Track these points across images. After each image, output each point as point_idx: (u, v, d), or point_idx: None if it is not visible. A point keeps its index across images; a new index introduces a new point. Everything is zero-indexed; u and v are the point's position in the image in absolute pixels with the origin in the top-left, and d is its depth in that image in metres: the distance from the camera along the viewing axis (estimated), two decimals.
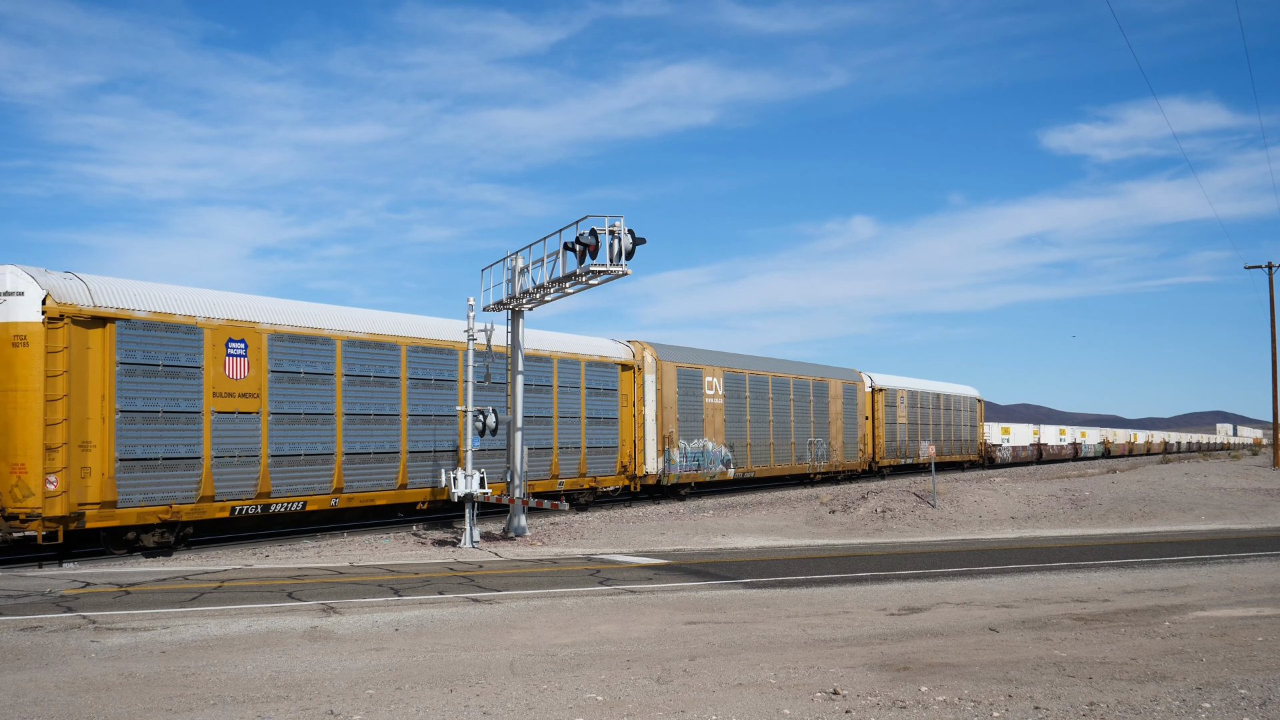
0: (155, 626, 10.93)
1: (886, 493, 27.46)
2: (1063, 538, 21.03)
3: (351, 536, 21.52)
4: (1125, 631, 10.39)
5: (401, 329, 22.87)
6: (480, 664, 9.02)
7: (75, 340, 16.81)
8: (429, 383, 23.17)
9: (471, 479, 19.82)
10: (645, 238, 17.93)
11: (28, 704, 7.63)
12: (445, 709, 7.42)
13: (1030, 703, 7.40)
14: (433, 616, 11.63)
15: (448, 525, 23.68)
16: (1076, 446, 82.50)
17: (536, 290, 19.93)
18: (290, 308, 20.83)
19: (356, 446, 21.32)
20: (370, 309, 23.06)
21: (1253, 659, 8.88)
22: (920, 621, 11.27)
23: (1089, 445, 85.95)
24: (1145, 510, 25.08)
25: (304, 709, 7.47)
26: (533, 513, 24.47)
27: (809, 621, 11.29)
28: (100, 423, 17.02)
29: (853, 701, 7.49)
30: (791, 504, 29.51)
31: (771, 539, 21.08)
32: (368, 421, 21.61)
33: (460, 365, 23.16)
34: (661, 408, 31.35)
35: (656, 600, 13.00)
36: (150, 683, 8.33)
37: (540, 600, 12.92)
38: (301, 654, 9.51)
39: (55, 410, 16.44)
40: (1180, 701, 7.39)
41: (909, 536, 21.58)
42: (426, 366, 23.13)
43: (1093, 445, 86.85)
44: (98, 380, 17.08)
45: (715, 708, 7.37)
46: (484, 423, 20.56)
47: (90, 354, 17.04)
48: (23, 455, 16.34)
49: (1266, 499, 27.85)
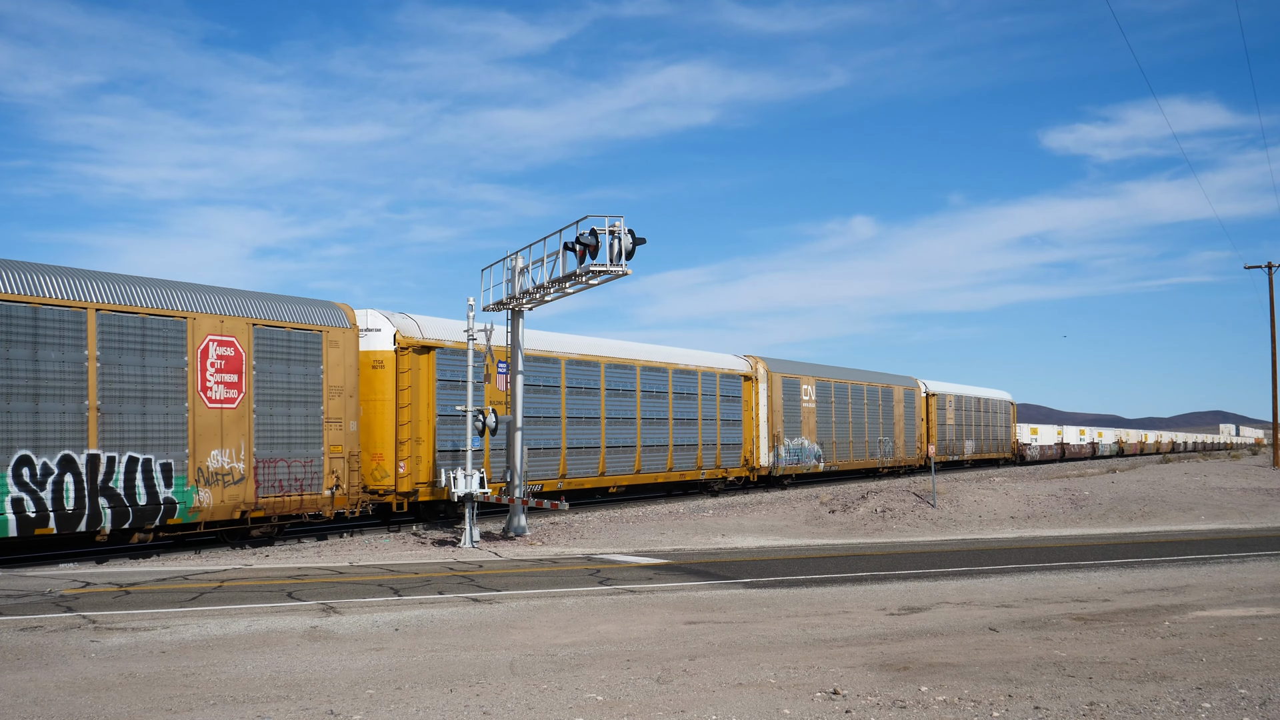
0: (155, 626, 10.93)
1: (886, 493, 27.47)
2: (1063, 537, 21.04)
3: (351, 536, 21.54)
4: (1125, 631, 10.40)
5: (638, 355, 31.38)
6: (480, 664, 9.02)
7: (412, 363, 22.78)
8: (653, 394, 31.56)
9: (471, 479, 19.81)
10: (645, 238, 17.95)
11: (28, 704, 7.63)
12: (445, 709, 7.42)
13: (1030, 703, 7.40)
14: (433, 616, 11.64)
15: (447, 525, 23.70)
16: (1094, 445, 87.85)
17: (536, 290, 19.94)
18: (574, 341, 28.91)
19: (610, 441, 29.59)
20: (619, 340, 31.37)
21: (1253, 659, 8.88)
22: (920, 621, 11.27)
23: (1105, 445, 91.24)
24: (1145, 510, 25.08)
25: (304, 709, 7.47)
26: (532, 513, 24.48)
27: (809, 621, 11.29)
28: (426, 424, 23.04)
29: (853, 701, 7.49)
30: (791, 504, 29.51)
31: (771, 539, 21.08)
32: (615, 423, 29.87)
33: (694, 383, 33.57)
34: (771, 411, 37.50)
35: (656, 600, 13.00)
36: (150, 683, 8.34)
37: (540, 600, 12.93)
38: (301, 654, 9.51)
39: (402, 414, 22.48)
40: (1180, 701, 7.39)
41: (909, 536, 21.58)
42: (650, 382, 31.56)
43: (1108, 445, 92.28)
44: (426, 392, 23.09)
45: (715, 707, 7.38)
46: (484, 423, 20.58)
47: (421, 373, 22.99)
48: (380, 447, 22.34)
49: (1266, 499, 27.85)
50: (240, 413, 18.99)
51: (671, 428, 32.19)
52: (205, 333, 18.51)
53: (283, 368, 19.86)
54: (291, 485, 19.88)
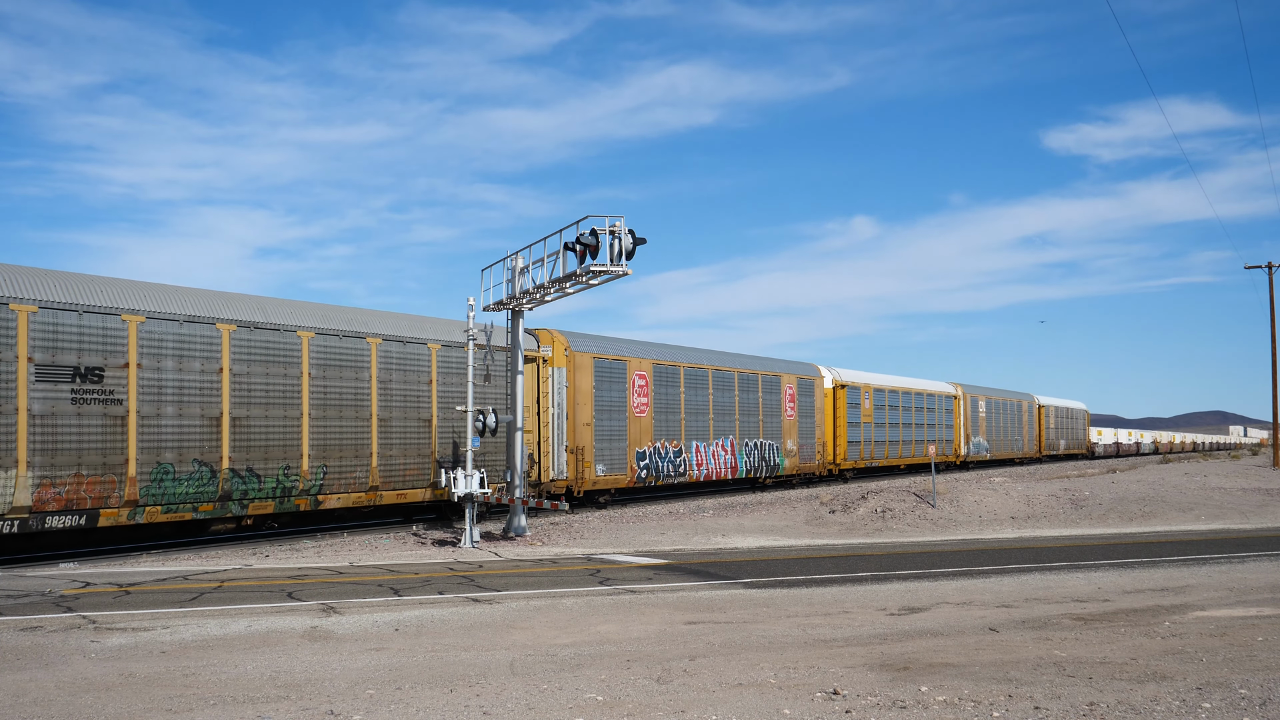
0: (155, 626, 10.93)
1: (886, 493, 27.45)
2: (1063, 538, 21.03)
3: (351, 536, 21.51)
4: (1125, 631, 10.39)
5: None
6: (480, 664, 9.02)
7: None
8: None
9: (471, 479, 19.81)
10: (645, 238, 17.94)
11: (28, 704, 7.63)
12: (445, 709, 7.42)
13: (1030, 703, 7.40)
14: (433, 616, 11.63)
15: (447, 525, 23.68)
16: (1138, 445, 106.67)
17: (536, 290, 19.93)
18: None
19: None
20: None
21: (1253, 659, 8.88)
22: (920, 621, 11.27)
23: (1145, 445, 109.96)
24: (1145, 510, 25.08)
25: (304, 709, 7.47)
26: (533, 513, 24.48)
27: (809, 621, 11.29)
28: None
29: (853, 701, 7.49)
30: (791, 504, 29.50)
31: (771, 539, 21.08)
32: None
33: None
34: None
35: (656, 600, 13.00)
36: (150, 683, 8.34)
37: (540, 600, 12.92)
38: (301, 654, 9.51)
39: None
40: (1180, 701, 7.39)
41: (909, 536, 21.57)
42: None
43: (1147, 445, 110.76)
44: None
45: (715, 708, 7.37)
46: (484, 423, 20.57)
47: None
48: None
49: (1266, 499, 27.84)
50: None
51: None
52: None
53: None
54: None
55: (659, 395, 31.30)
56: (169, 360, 18.14)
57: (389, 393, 22.11)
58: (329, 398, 20.85)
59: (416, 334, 23.12)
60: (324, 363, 20.83)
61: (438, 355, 23.42)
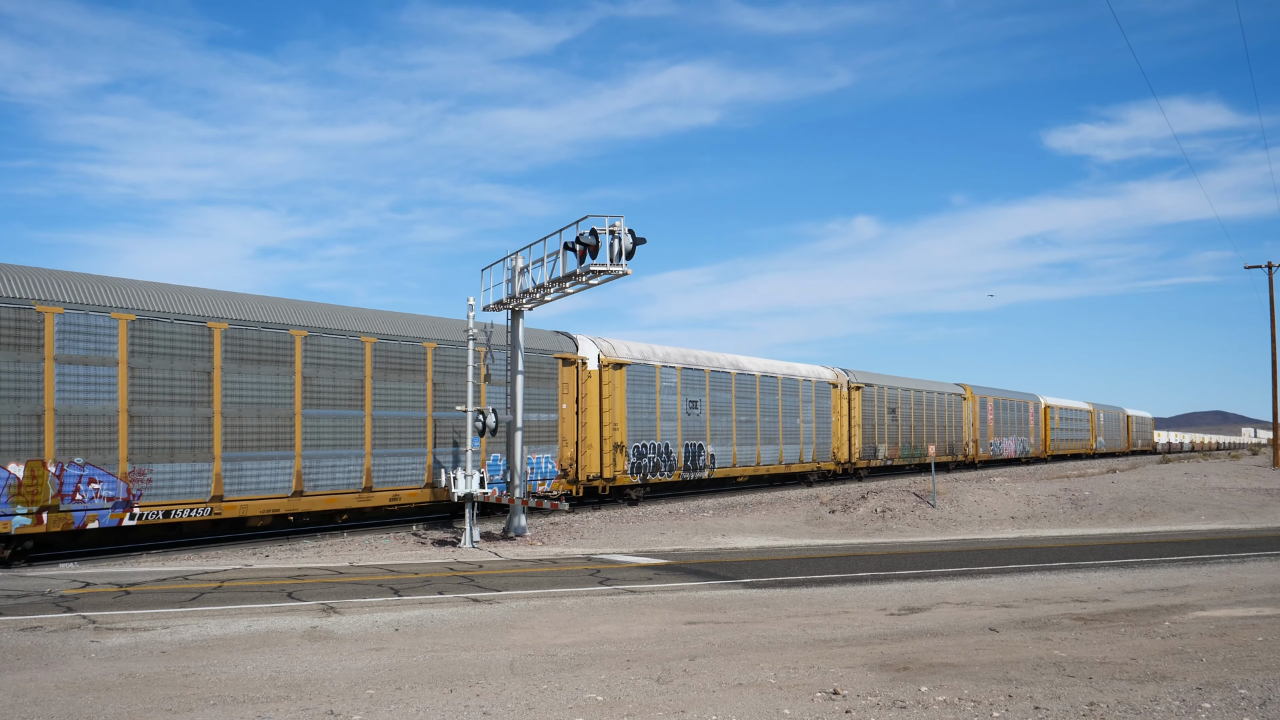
0: (155, 626, 10.93)
1: (886, 493, 27.45)
2: (1063, 538, 21.03)
3: (351, 536, 21.50)
4: (1125, 631, 10.39)
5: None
6: (480, 664, 9.02)
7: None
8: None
9: (471, 479, 19.80)
10: (646, 238, 17.94)
11: (28, 704, 7.63)
12: (445, 709, 7.42)
13: (1030, 703, 7.40)
14: (433, 616, 11.63)
15: (447, 525, 23.68)
16: (1181, 444, 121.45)
17: (536, 290, 19.93)
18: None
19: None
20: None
21: (1253, 659, 8.88)
22: (920, 621, 11.26)
23: (1185, 445, 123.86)
24: (1145, 510, 25.07)
25: (304, 709, 7.47)
26: (532, 513, 24.47)
27: (809, 621, 11.28)
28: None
29: (853, 701, 7.48)
30: (791, 504, 29.50)
31: (771, 539, 21.07)
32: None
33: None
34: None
35: (656, 600, 13.00)
36: (150, 683, 8.33)
37: (540, 600, 12.92)
38: (301, 654, 9.51)
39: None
40: (1180, 701, 7.39)
41: (909, 536, 21.57)
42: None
43: (1186, 445, 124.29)
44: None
45: (715, 708, 7.37)
46: (484, 423, 20.56)
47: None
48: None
49: (1266, 499, 27.84)
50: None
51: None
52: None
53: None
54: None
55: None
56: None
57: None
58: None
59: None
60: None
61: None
